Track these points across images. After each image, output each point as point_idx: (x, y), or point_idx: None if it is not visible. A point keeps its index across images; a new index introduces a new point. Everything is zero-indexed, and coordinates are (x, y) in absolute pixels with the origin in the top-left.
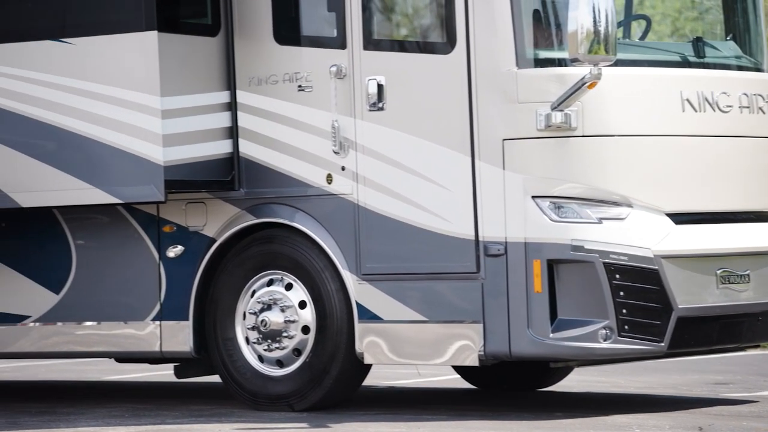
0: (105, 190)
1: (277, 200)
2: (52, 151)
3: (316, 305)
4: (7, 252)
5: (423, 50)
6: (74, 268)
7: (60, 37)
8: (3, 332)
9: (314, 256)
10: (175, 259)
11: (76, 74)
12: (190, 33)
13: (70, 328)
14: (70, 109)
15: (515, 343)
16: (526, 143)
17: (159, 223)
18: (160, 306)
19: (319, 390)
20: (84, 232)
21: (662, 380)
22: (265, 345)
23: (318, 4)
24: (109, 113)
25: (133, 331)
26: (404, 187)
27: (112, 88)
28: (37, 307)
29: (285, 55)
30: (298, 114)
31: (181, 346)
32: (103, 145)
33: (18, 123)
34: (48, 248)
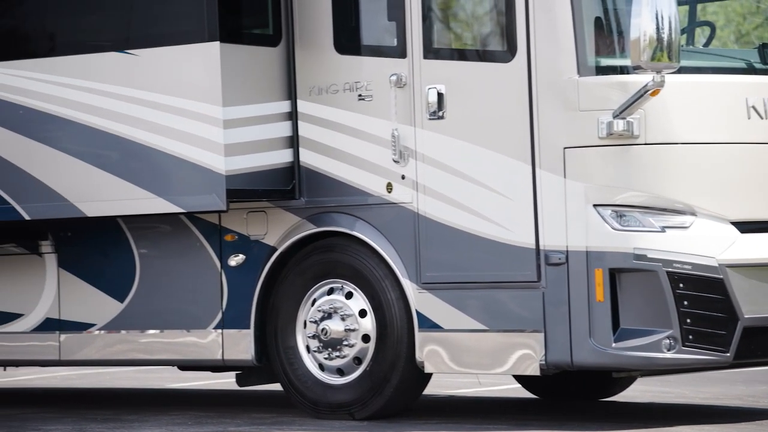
0: (168, 199)
1: (338, 209)
2: (116, 160)
3: (376, 314)
4: (73, 261)
5: (483, 59)
6: (138, 276)
7: (125, 49)
8: (69, 340)
9: (374, 264)
10: (236, 267)
11: (140, 85)
12: (251, 43)
13: (134, 336)
14: (134, 119)
15: (577, 352)
16: (587, 151)
17: (221, 232)
18: (221, 314)
19: (380, 399)
20: (147, 241)
21: (727, 391)
22: (326, 353)
23: (378, 14)
24: (172, 123)
25: (196, 340)
26: (464, 196)
27: (175, 98)
28: (102, 315)
29: (345, 64)
30: (358, 123)
31: (243, 355)
32: (166, 155)
33: (83, 133)
34: (112, 257)
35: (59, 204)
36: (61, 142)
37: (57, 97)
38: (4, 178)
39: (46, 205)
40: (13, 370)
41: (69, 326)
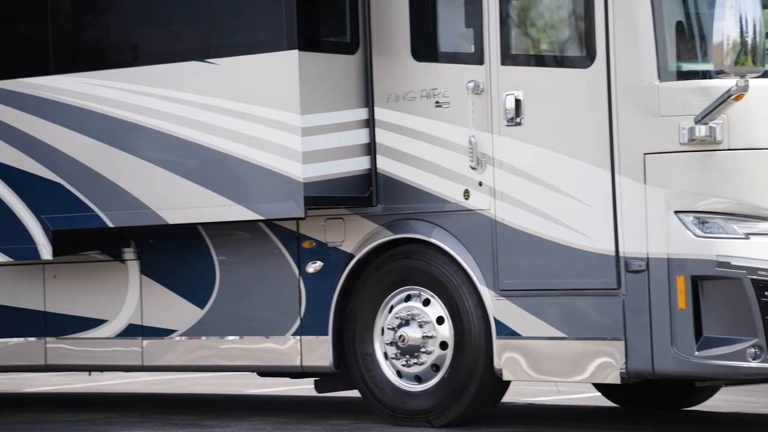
0: (247, 206)
1: (415, 216)
2: (196, 168)
3: (453, 321)
4: (155, 268)
5: (562, 64)
6: (218, 283)
7: (205, 58)
8: (151, 345)
9: (452, 271)
10: (314, 274)
11: (219, 93)
12: (329, 51)
13: (214, 342)
14: (213, 127)
15: (658, 360)
16: (668, 157)
17: (299, 239)
18: (300, 321)
19: (458, 406)
20: (227, 248)
21: None
22: (404, 360)
23: (455, 21)
24: (252, 131)
25: (275, 346)
26: (542, 202)
27: (254, 106)
28: (183, 321)
29: (422, 71)
30: (435, 130)
31: (321, 361)
32: (245, 163)
33: (164, 142)
34: (193, 264)
35: (141, 211)
36: (143, 151)
37: (139, 106)
38: (89, 186)
39: (129, 213)
40: (98, 375)
41: (151, 332)
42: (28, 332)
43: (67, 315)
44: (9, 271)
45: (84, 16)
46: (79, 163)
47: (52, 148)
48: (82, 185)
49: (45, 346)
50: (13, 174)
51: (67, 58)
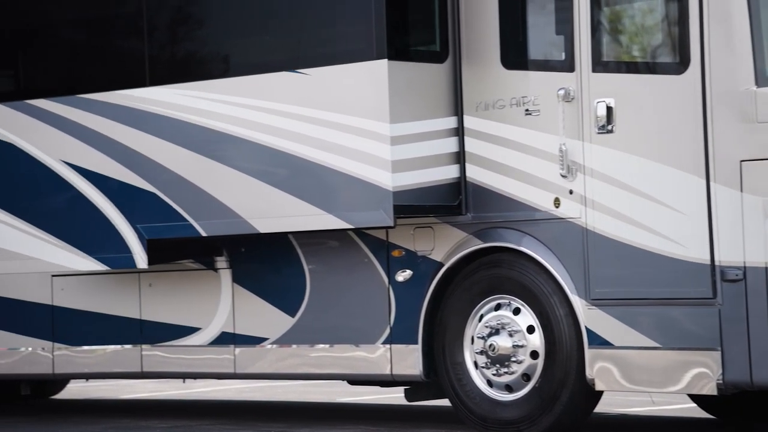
0: (337, 215)
1: (504, 224)
2: (287, 178)
3: (544, 330)
4: (247, 276)
5: (654, 71)
6: (308, 291)
7: (296, 68)
8: (244, 353)
9: (542, 280)
10: (404, 283)
11: (309, 103)
12: (419, 60)
13: (305, 351)
14: (304, 137)
15: (757, 371)
16: (766, 164)
17: (388, 248)
18: (390, 329)
19: (550, 416)
20: (317, 257)
21: None
22: (494, 370)
23: (546, 28)
24: (341, 140)
25: (365, 354)
26: (635, 211)
27: (344, 116)
28: (275, 329)
29: (512, 79)
30: (525, 138)
31: (411, 370)
32: (335, 172)
33: (256, 151)
34: (284, 272)
35: (233, 221)
36: (235, 161)
37: (231, 117)
38: (182, 195)
39: (222, 222)
40: (192, 382)
41: (243, 340)
42: (125, 340)
43: (161, 323)
44: (106, 280)
45: (178, 29)
46: (173, 173)
47: (147, 159)
48: (176, 195)
49: (141, 353)
50: (110, 184)
51: (161, 70)
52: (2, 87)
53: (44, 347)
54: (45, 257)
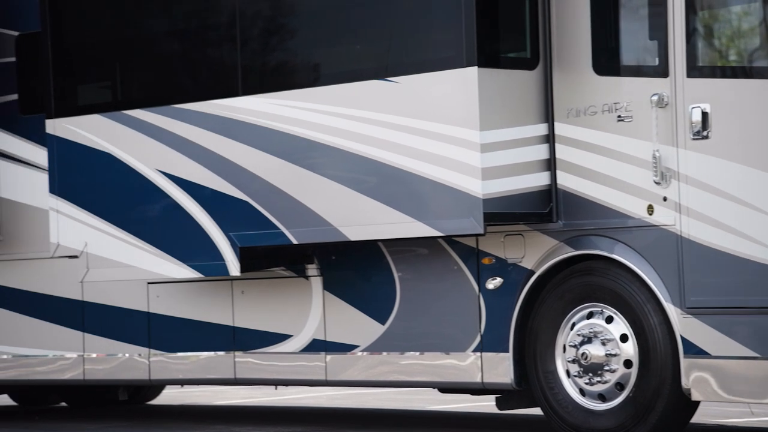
0: (426, 223)
1: (596, 232)
2: (376, 185)
3: (638, 339)
4: (338, 283)
5: (751, 75)
6: (398, 299)
7: (385, 77)
8: (335, 360)
9: (635, 288)
10: (494, 290)
11: (399, 111)
12: (509, 67)
13: (395, 358)
14: (393, 144)
15: None
16: None
17: (478, 256)
18: (480, 337)
19: (644, 426)
20: (406, 264)
21: None
22: (587, 378)
23: (638, 33)
24: (431, 148)
25: (455, 362)
26: (732, 218)
27: (434, 123)
28: (365, 336)
29: (604, 85)
30: (618, 144)
31: (502, 378)
32: (424, 180)
33: (346, 159)
34: (374, 280)
35: (324, 228)
36: (325, 169)
37: (322, 125)
38: (274, 204)
39: (312, 230)
40: (284, 388)
41: (334, 347)
42: (218, 346)
43: (254, 330)
44: (200, 287)
45: (270, 39)
46: (264, 182)
47: (239, 167)
48: (267, 203)
49: (234, 360)
50: (203, 192)
51: (254, 79)
52: (101, 98)
53: (141, 353)
54: (141, 265)
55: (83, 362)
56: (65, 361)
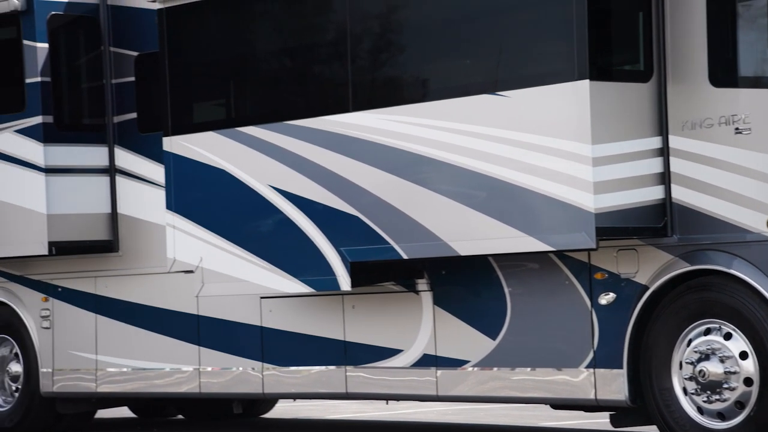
0: (537, 237)
1: (712, 246)
2: (486, 200)
3: (758, 356)
4: (448, 298)
5: None
6: (509, 314)
7: (495, 91)
8: (445, 376)
9: (755, 304)
10: (607, 306)
11: (509, 125)
12: (621, 80)
13: (506, 374)
14: (503, 159)
15: None
16: None
17: (590, 270)
18: (593, 353)
19: None
20: (517, 279)
21: None
22: (704, 396)
23: (757, 44)
24: (541, 162)
25: (567, 378)
26: None
27: (545, 137)
28: (476, 352)
29: (721, 97)
30: (735, 157)
31: (616, 395)
32: (535, 194)
33: (456, 174)
34: (484, 295)
35: (434, 243)
36: (435, 184)
37: (432, 140)
38: (384, 218)
39: (422, 245)
40: (395, 403)
41: (445, 362)
42: (329, 361)
43: (365, 344)
44: (311, 302)
45: (380, 55)
46: (374, 197)
47: (350, 183)
48: (378, 218)
49: (345, 374)
50: (314, 208)
51: (364, 95)
52: (216, 115)
53: (254, 367)
54: (254, 280)
55: (199, 375)
56: (182, 374)
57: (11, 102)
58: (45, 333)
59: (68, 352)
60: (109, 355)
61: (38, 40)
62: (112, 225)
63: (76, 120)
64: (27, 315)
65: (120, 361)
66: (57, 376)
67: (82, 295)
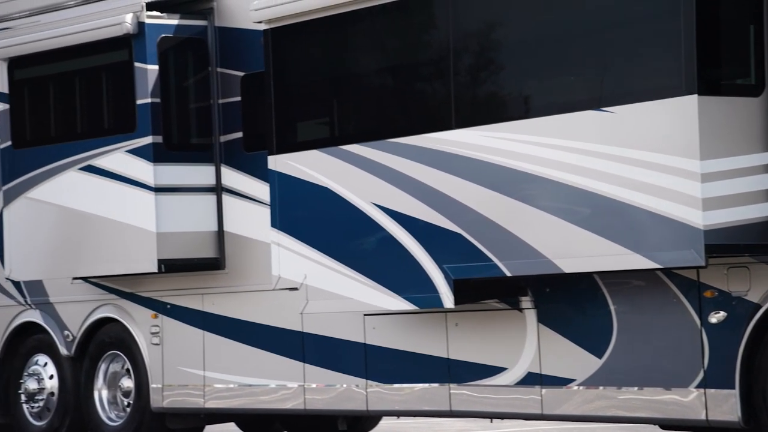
0: (643, 254)
1: None
2: (590, 216)
3: None
4: (552, 316)
5: None
6: (615, 332)
7: (600, 107)
8: (550, 394)
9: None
10: (717, 324)
11: (614, 141)
12: (731, 94)
13: (612, 393)
14: (609, 175)
15: None
16: None
17: (699, 288)
18: (703, 373)
19: None
20: (623, 297)
21: None
22: None
23: None
24: (648, 178)
25: (676, 398)
26: None
27: (651, 153)
28: (581, 370)
29: None
30: None
31: (728, 416)
32: (641, 211)
33: (560, 191)
34: (589, 312)
35: (538, 261)
36: (538, 200)
37: (534, 157)
38: (487, 235)
39: (526, 262)
40: (499, 421)
41: (550, 381)
42: (433, 378)
43: (468, 362)
44: (414, 319)
45: (482, 72)
46: (477, 214)
47: (452, 200)
48: (480, 235)
49: (449, 392)
50: (417, 225)
51: (466, 112)
52: (319, 134)
53: (358, 384)
54: (357, 297)
55: (304, 392)
56: (287, 390)
57: (122, 123)
58: (155, 349)
59: (177, 368)
60: (217, 371)
61: (149, 62)
62: (218, 243)
63: (185, 140)
64: (137, 331)
65: (227, 377)
66: (166, 392)
67: (190, 311)
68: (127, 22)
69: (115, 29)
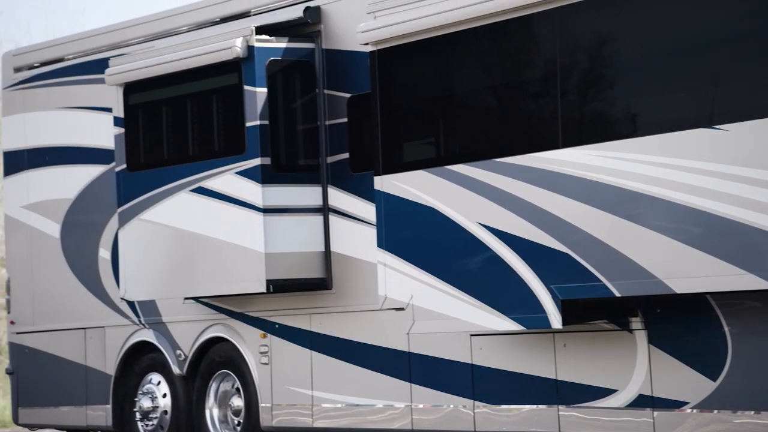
0: (759, 275)
1: None
2: (703, 236)
3: None
4: (663, 337)
5: None
6: (730, 354)
7: (712, 125)
8: (662, 417)
9: None
10: None
11: (727, 159)
12: None
13: (727, 416)
14: (720, 194)
15: None
16: None
17: None
18: None
19: None
20: (737, 318)
21: None
22: None
23: None
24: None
25: None
26: None
27: (763, 171)
28: (694, 393)
29: None
30: None
31: None
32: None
33: (670, 210)
34: (702, 334)
35: (648, 281)
36: (648, 220)
37: (643, 176)
38: (595, 255)
39: (635, 282)
40: None
41: (661, 403)
42: (541, 399)
43: (577, 383)
44: (521, 339)
45: (590, 90)
46: (585, 233)
47: (559, 219)
48: (589, 255)
49: (557, 414)
50: (524, 245)
51: (574, 131)
52: (425, 154)
53: (465, 405)
54: (464, 317)
55: (411, 412)
56: (394, 410)
57: (232, 145)
58: (264, 368)
59: (286, 387)
60: (324, 391)
61: (258, 85)
62: (325, 263)
63: (292, 161)
64: (247, 351)
65: (334, 397)
66: (276, 411)
67: (298, 331)
68: (237, 46)
69: (225, 53)
